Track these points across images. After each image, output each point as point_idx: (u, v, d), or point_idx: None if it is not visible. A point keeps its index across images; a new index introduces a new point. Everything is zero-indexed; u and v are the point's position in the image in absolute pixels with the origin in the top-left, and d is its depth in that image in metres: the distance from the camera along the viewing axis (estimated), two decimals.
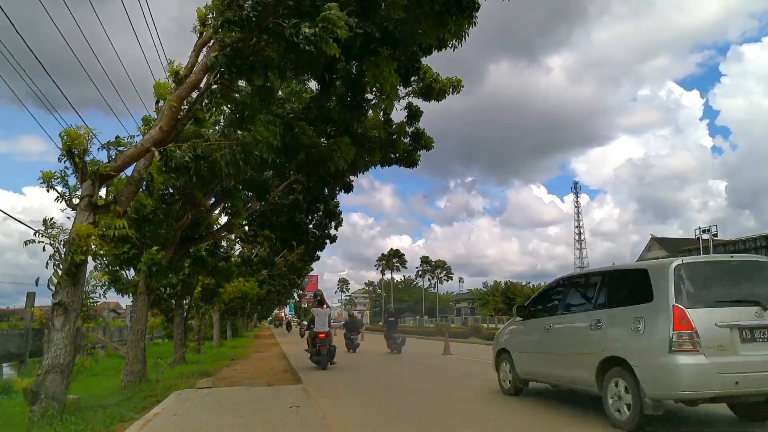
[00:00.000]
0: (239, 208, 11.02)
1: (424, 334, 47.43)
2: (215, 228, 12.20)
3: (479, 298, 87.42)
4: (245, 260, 19.80)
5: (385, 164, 15.28)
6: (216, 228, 12.25)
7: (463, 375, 13.01)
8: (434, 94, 12.69)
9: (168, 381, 11.43)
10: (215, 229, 12.09)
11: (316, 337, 14.02)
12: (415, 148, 14.73)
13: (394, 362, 17.11)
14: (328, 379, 12.22)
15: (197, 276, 15.46)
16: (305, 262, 35.16)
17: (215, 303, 22.72)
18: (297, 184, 14.78)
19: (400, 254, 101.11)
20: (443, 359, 17.80)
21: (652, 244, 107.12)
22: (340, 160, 8.55)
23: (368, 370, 14.50)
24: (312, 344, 14.25)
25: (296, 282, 52.36)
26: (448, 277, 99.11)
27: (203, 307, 23.24)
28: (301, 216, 19.76)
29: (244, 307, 29.92)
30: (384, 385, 10.83)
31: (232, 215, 11.13)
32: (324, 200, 19.23)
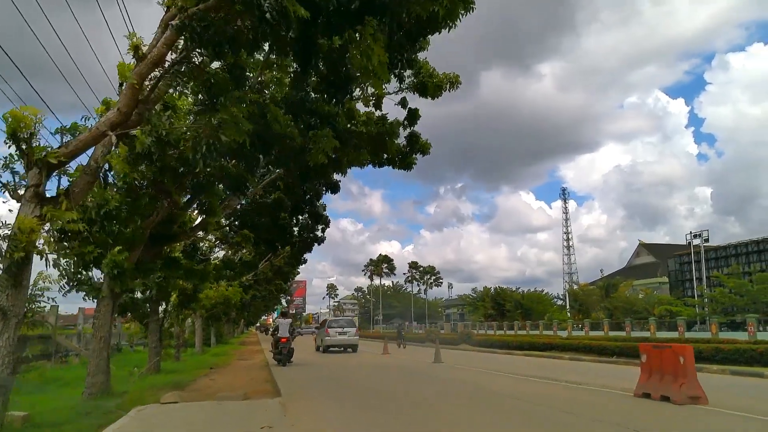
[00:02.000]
0: (215, 205, 10.11)
1: (413, 340, 46.42)
2: (190, 227, 11.28)
3: (469, 304, 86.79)
4: (226, 263, 18.82)
5: (377, 164, 14.46)
6: (191, 227, 11.33)
7: (455, 384, 12.18)
8: (430, 90, 11.91)
9: (136, 393, 10.46)
10: (190, 228, 11.17)
11: (279, 341, 18.22)
12: (411, 151, 13.92)
13: (383, 372, 16.22)
14: (310, 391, 11.31)
15: (173, 280, 14.52)
16: (292, 266, 34.11)
17: (196, 308, 21.70)
18: (280, 181, 13.91)
19: (389, 260, 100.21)
20: (434, 368, 16.95)
21: (640, 250, 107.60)
22: (319, 154, 7.68)
23: (355, 381, 13.61)
24: (275, 346, 18.35)
25: (283, 287, 51.15)
26: (437, 282, 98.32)
27: (183, 312, 22.23)
28: (285, 216, 18.85)
29: (228, 313, 28.84)
30: (372, 400, 9.93)
31: (207, 213, 10.23)
32: (309, 201, 18.34)
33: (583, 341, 25.65)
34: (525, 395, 9.79)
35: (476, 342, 35.12)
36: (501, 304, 75.90)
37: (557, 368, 16.62)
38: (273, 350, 18.44)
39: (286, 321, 19.26)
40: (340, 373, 15.71)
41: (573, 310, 64.03)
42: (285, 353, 17.67)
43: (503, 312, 74.61)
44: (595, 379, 12.33)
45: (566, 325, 48.42)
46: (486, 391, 10.50)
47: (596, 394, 9.93)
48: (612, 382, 11.84)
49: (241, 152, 7.44)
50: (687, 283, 56.52)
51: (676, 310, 44.89)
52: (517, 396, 9.71)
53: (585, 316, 57.69)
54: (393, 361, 20.43)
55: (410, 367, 17.52)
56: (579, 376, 13.08)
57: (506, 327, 58.70)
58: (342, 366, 18.56)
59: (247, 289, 29.98)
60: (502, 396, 9.79)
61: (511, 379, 13.03)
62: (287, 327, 18.70)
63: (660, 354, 8.28)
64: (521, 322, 62.31)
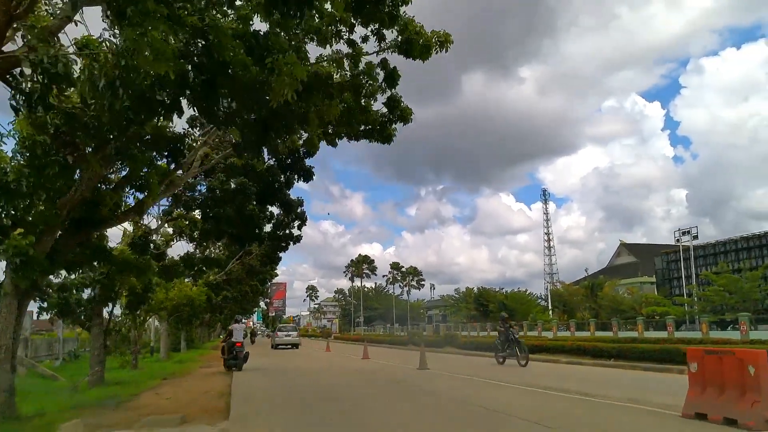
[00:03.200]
0: (150, 181, 8.10)
1: (395, 343, 44.58)
2: (122, 211, 9.19)
3: (452, 305, 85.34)
4: (185, 259, 16.69)
5: (352, 136, 12.57)
6: (123, 211, 9.24)
7: (452, 401, 10.27)
8: (416, 51, 10.06)
9: (52, 416, 8.39)
10: (122, 212, 9.10)
11: (233, 346, 17.98)
12: (390, 119, 12.09)
13: (363, 382, 14.28)
14: (268, 411, 9.34)
15: (121, 277, 12.40)
16: (266, 266, 31.91)
17: (151, 310, 19.51)
18: (237, 158, 11.87)
19: (370, 260, 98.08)
20: (420, 375, 15.06)
21: (621, 250, 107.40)
22: (284, 87, 5.69)
23: (328, 395, 11.62)
24: (229, 351, 17.91)
25: (259, 289, 48.82)
26: (419, 284, 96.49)
27: (138, 315, 20.01)
28: (253, 208, 16.82)
29: (196, 315, 26.60)
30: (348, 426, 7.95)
31: (140, 189, 8.20)
32: (278, 188, 16.32)
33: (576, 342, 24.04)
34: (542, 415, 7.86)
35: (461, 344, 33.32)
36: (484, 305, 74.63)
37: (559, 375, 14.83)
38: (225, 356, 18.07)
39: (240, 326, 19.14)
40: (311, 382, 13.71)
41: (557, 310, 62.83)
42: (241, 357, 17.91)
43: (486, 313, 73.32)
44: (614, 391, 10.37)
45: (551, 326, 47.04)
46: (490, 411, 8.57)
47: (629, 413, 7.90)
48: (637, 394, 9.90)
49: (168, 86, 5.41)
50: (674, 282, 55.64)
51: (663, 309, 43.78)
52: (534, 417, 7.75)
53: (569, 316, 56.50)
54: (373, 367, 18.49)
55: (392, 374, 15.60)
56: (592, 386, 11.22)
57: (489, 328, 57.26)
58: (315, 373, 16.57)
59: (217, 289, 27.75)
60: (513, 418, 7.84)
61: (513, 391, 11.06)
62: (241, 332, 18.85)
63: (718, 362, 6.35)
64: None
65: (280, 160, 16.86)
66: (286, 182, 16.75)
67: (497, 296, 74.62)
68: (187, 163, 10.83)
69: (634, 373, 15.17)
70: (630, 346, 20.36)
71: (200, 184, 15.43)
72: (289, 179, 16.77)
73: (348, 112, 11.54)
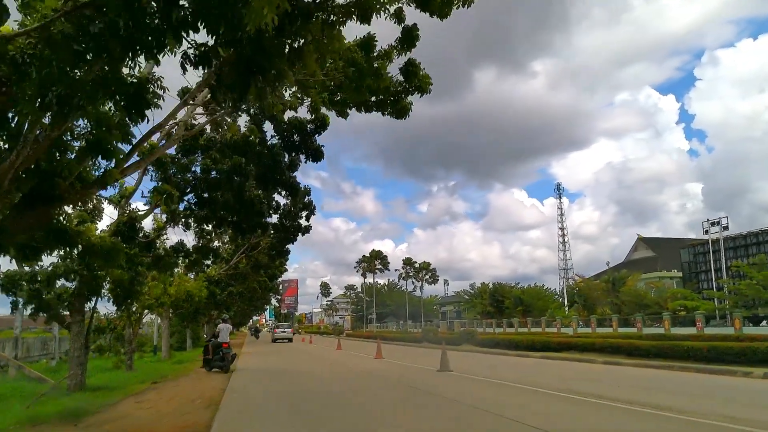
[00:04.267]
0: (106, 141, 6.42)
1: (408, 340, 42.75)
2: (84, 184, 7.54)
3: (466, 302, 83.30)
4: (177, 248, 15.05)
5: (363, 107, 10.86)
6: (86, 183, 7.58)
7: (491, 417, 8.50)
8: (435, 3, 8.28)
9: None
10: (83, 185, 7.44)
11: (220, 347, 17.20)
12: (406, 89, 10.36)
13: (376, 388, 12.56)
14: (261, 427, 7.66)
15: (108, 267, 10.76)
16: (273, 260, 30.23)
17: (147, 305, 17.96)
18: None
19: (382, 255, 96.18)
20: (443, 379, 13.29)
21: (638, 245, 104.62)
22: (264, 5, 4.03)
23: (336, 405, 9.91)
24: (215, 352, 17.22)
25: (268, 285, 47.26)
26: (433, 279, 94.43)
27: (138, 311, 18.47)
28: (254, 192, 15.16)
29: (199, 311, 25.06)
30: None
31: (96, 151, 6.54)
32: (281, 169, 14.62)
33: (607, 340, 22.11)
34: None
35: (480, 342, 31.51)
36: (500, 301, 72.57)
37: (603, 379, 12.98)
38: (212, 356, 17.27)
39: (227, 326, 18.23)
40: (318, 389, 11.97)
41: (576, 306, 60.76)
42: (228, 359, 17.04)
43: (502, 309, 71.32)
44: (706, 403, 8.45)
45: (570, 322, 45.01)
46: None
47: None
48: (733, 409, 7.93)
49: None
50: (702, 275, 53.20)
51: (692, 304, 41.56)
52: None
53: (590, 312, 54.38)
54: (388, 369, 16.76)
55: (410, 377, 13.81)
56: (658, 395, 9.32)
57: (505, 324, 55.35)
58: (324, 377, 14.87)
59: (220, 284, 26.16)
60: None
61: (565, 402, 9.08)
62: (227, 332, 17.97)
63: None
64: (521, 319, 59.01)
65: (285, 137, 15.19)
66: (290, 163, 15.05)
67: (513, 292, 72.51)
68: (166, 128, 9.14)
69: (695, 376, 13.27)
70: (670, 344, 18.44)
71: (194, 164, 13.77)
72: (293, 160, 15.08)
73: (358, 74, 9.86)
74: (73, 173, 7.62)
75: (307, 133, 15.26)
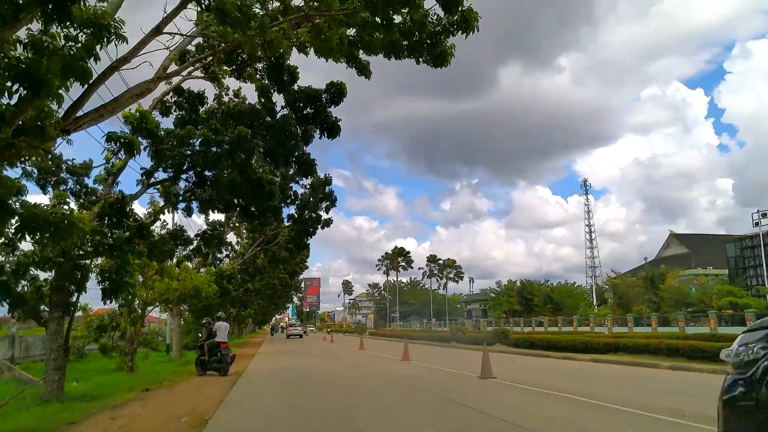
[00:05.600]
0: (43, 76, 4.45)
1: (435, 339, 40.54)
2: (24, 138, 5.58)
3: (492, 299, 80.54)
4: (175, 234, 13.07)
5: (392, 53, 8.71)
6: (26, 138, 5.63)
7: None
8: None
9: None
10: (18, 140, 5.50)
11: (217, 347, 15.30)
12: (446, 27, 8.20)
13: (406, 401, 10.43)
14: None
15: (57, 244, 8.86)
16: (291, 253, 28.30)
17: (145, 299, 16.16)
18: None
19: (406, 252, 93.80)
20: (489, 390, 11.03)
21: (671, 241, 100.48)
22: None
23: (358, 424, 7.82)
24: (211, 353, 15.39)
25: (288, 282, 45.50)
26: (457, 277, 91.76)
27: (139, 308, 16.69)
28: (263, 170, 13.20)
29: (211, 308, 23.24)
30: None
31: (34, 89, 4.57)
32: (292, 142, 12.59)
33: (664, 341, 19.60)
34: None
35: (513, 342, 29.15)
36: (528, 299, 69.74)
37: (684, 389, 10.63)
38: (207, 357, 15.42)
39: (224, 324, 16.12)
40: (338, 402, 9.86)
41: (611, 303, 57.78)
42: (227, 360, 15.27)
43: (530, 307, 68.52)
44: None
45: (605, 320, 42.16)
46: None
47: None
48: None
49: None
50: (750, 271, 49.75)
51: (742, 301, 38.45)
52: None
53: (625, 310, 51.34)
54: (419, 374, 14.58)
55: (450, 387, 11.45)
56: None
57: (534, 323, 52.67)
58: (345, 384, 12.78)
59: (232, 279, 24.31)
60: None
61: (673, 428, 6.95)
62: (226, 331, 15.86)
63: None
64: (551, 317, 56.24)
65: (296, 108, 13.18)
66: (303, 135, 13.03)
67: (542, 289, 69.62)
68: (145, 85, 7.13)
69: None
70: None
71: (193, 136, 11.81)
72: (307, 132, 13.05)
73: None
74: (10, 122, 5.68)
75: (321, 104, 13.24)
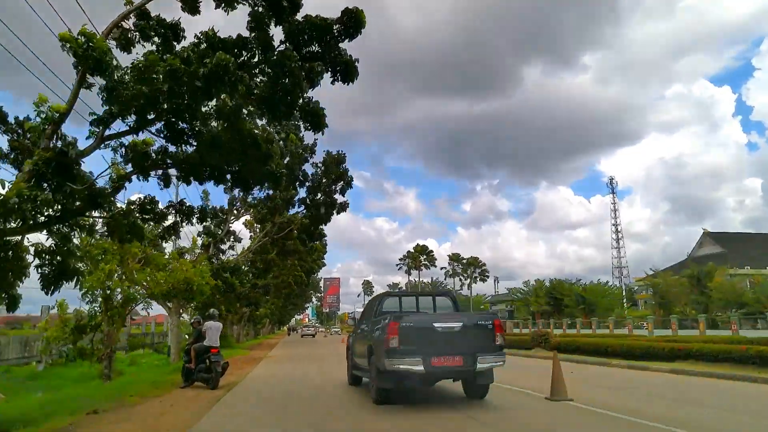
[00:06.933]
0: None
1: None
2: None
3: (519, 300, 76.73)
4: (144, 206, 9.98)
5: None
6: None
7: None
8: None
9: None
10: None
11: (207, 352, 12.31)
12: None
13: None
14: None
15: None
16: (304, 243, 25.18)
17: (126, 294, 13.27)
18: None
19: (428, 250, 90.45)
20: (579, 421, 7.78)
21: (704, 240, 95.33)
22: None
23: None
24: (200, 359, 12.40)
25: (303, 279, 42.54)
26: (482, 277, 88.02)
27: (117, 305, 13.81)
28: (252, 120, 10.16)
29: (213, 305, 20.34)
30: None
31: None
32: (292, 83, 9.43)
33: (753, 347, 16.03)
34: None
35: (554, 346, 25.64)
36: (558, 299, 65.90)
37: None
38: (191, 365, 12.49)
39: (216, 325, 12.94)
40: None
41: (653, 304, 53.82)
42: (218, 370, 12.14)
43: (561, 307, 64.70)
44: None
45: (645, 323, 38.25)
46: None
47: None
48: None
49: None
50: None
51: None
52: None
53: (667, 311, 47.36)
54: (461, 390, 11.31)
55: (511, 416, 8.04)
56: None
57: (565, 325, 48.91)
58: (361, 403, 9.60)
59: (236, 273, 21.33)
60: None
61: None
62: (217, 333, 12.69)
63: None
64: (584, 319, 52.49)
65: (299, 43, 10.04)
66: (308, 75, 9.88)
67: (573, 289, 65.76)
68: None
69: None
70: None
71: (157, 66, 8.74)
72: (313, 70, 9.90)
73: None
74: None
75: (331, 37, 10.11)
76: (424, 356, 7.98)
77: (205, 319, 13.27)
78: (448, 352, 8.22)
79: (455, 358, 8.24)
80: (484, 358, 8.34)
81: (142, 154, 9.86)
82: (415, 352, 8.01)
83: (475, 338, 8.50)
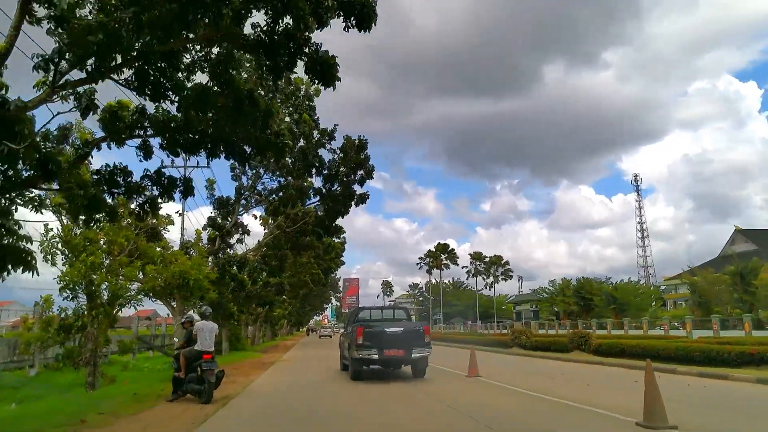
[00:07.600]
0: None
1: (489, 344, 34.58)
2: None
3: (545, 300, 73.87)
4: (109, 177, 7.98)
5: None
6: None
7: None
8: None
9: None
10: None
11: (198, 358, 10.39)
12: None
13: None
14: None
15: None
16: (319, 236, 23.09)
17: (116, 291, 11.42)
18: None
19: (449, 249, 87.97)
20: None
21: (736, 237, 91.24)
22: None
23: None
24: (190, 366, 10.53)
25: (321, 279, 40.67)
26: (506, 276, 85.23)
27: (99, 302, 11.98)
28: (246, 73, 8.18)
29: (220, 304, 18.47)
30: None
31: None
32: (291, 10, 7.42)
33: None
34: None
35: (593, 349, 23.21)
36: (587, 299, 62.91)
37: None
38: (180, 374, 10.60)
39: (210, 326, 10.96)
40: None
41: (692, 303, 50.76)
42: (211, 381, 10.16)
43: (589, 307, 61.72)
44: None
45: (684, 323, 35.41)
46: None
47: None
48: None
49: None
50: None
51: None
52: None
53: (706, 310, 44.35)
54: (509, 407, 9.12)
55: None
56: None
57: (595, 325, 46.15)
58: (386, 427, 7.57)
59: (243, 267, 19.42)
60: None
61: None
62: (212, 335, 10.75)
63: None
64: (615, 319, 49.65)
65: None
66: (315, 11, 7.81)
67: (603, 288, 62.75)
68: None
69: None
70: None
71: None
72: (320, 4, 7.83)
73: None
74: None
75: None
76: (378, 349, 12.72)
77: (203, 317, 11.37)
78: (394, 347, 12.85)
79: (399, 350, 12.88)
80: (416, 350, 13.00)
81: (112, 113, 7.95)
82: (372, 346, 12.75)
83: (411, 338, 13.09)
